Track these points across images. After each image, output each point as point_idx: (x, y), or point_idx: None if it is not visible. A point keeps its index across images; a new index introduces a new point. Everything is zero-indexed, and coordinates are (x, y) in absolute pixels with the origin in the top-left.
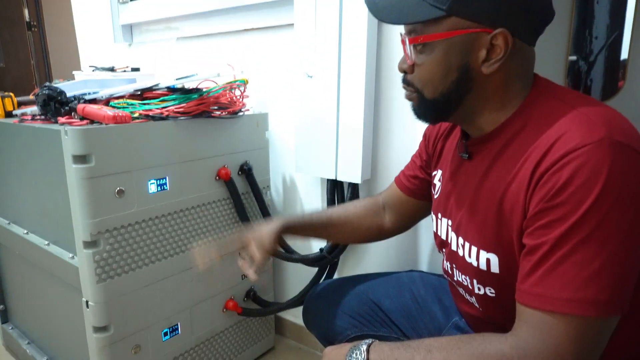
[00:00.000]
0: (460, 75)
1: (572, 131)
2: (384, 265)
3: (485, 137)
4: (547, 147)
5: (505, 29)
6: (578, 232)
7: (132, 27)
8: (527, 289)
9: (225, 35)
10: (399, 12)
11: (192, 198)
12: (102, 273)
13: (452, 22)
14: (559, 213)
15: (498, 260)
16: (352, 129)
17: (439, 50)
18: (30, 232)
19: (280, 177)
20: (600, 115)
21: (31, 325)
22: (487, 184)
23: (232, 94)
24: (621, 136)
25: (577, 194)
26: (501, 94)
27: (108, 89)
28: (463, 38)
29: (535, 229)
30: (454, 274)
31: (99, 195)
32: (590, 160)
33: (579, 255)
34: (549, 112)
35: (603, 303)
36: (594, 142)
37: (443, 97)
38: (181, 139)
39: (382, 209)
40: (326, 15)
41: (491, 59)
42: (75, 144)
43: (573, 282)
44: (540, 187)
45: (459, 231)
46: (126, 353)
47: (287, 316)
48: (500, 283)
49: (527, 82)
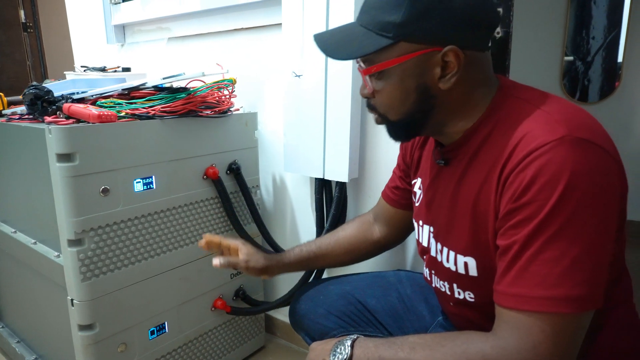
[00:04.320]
0: (419, 96)
1: (534, 130)
2: (372, 265)
3: (458, 143)
4: (511, 148)
5: (454, 45)
6: (546, 230)
7: (124, 28)
8: (502, 289)
9: (215, 36)
10: (348, 47)
11: (179, 197)
12: (87, 271)
13: (402, 48)
14: (526, 212)
15: (476, 263)
16: (339, 128)
17: (395, 75)
18: (18, 231)
19: (270, 176)
20: (562, 113)
21: (20, 324)
22: (462, 188)
23: (220, 93)
24: (582, 132)
25: (542, 192)
26: (465, 103)
27: (96, 89)
28: (415, 61)
29: (506, 230)
30: (432, 280)
31: (83, 194)
32: (552, 158)
33: (549, 253)
34: (513, 113)
35: (576, 299)
36: (555, 139)
37: (407, 117)
38: (168, 138)
39: (373, 224)
40: (313, 16)
41: (447, 75)
42: (59, 142)
43: (545, 281)
44: (507, 188)
45: (438, 237)
46: (112, 351)
47: (278, 315)
48: (479, 286)
49: (490, 86)
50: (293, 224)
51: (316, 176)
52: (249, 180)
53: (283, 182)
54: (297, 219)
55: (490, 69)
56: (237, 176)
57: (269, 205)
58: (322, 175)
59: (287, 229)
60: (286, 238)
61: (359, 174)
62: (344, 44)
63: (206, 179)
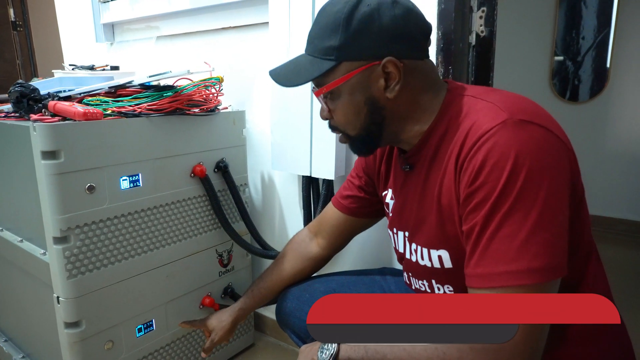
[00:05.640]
0: (370, 108)
1: (480, 119)
2: (359, 263)
3: (418, 146)
4: (463, 138)
5: (390, 56)
6: (501, 208)
7: (113, 27)
8: (470, 272)
9: (203, 34)
10: (297, 75)
11: (166, 195)
12: (72, 269)
13: (345, 67)
14: (481, 195)
15: (449, 255)
16: (326, 127)
17: (344, 93)
18: (4, 229)
19: (258, 174)
20: (504, 101)
21: (7, 322)
22: (427, 186)
23: (207, 91)
24: (523, 115)
25: (492, 173)
26: (413, 109)
27: (82, 87)
28: (359, 77)
29: (467, 215)
30: (411, 283)
31: (68, 191)
32: (498, 140)
33: (505, 229)
34: (463, 109)
35: (537, 270)
36: (499, 123)
37: (364, 130)
38: (155, 136)
39: (311, 240)
40: (300, 14)
41: (390, 85)
42: (43, 140)
43: (506, 256)
44: (462, 175)
45: (412, 238)
46: (99, 349)
47: (267, 313)
48: (456, 278)
49: (438, 90)
50: (281, 222)
51: (303, 174)
52: (237, 179)
53: (271, 180)
54: (285, 217)
55: (434, 74)
56: (225, 174)
57: (257, 203)
58: (309, 173)
59: (276, 226)
60: (274, 236)
61: (345, 172)
62: (295, 73)
63: (194, 177)
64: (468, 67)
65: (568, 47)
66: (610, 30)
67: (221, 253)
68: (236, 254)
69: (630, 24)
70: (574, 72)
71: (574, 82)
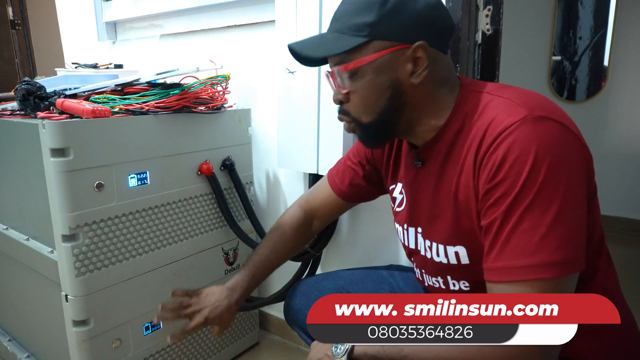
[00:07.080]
0: (393, 92)
1: (499, 116)
2: (366, 260)
3: (432, 141)
4: (482, 134)
5: (422, 41)
6: (521, 203)
7: (115, 25)
8: (489, 266)
9: (208, 33)
10: (324, 47)
11: (173, 193)
12: (81, 267)
13: (375, 46)
14: (502, 189)
15: (466, 251)
16: (333, 124)
17: (369, 73)
18: (10, 228)
19: (263, 172)
20: (520, 98)
21: (12, 322)
22: (442, 183)
23: (213, 89)
24: (540, 111)
25: (514, 168)
26: (433, 100)
27: (89, 85)
28: (388, 57)
29: (486, 209)
30: (424, 280)
31: (77, 189)
32: (518, 136)
33: (525, 223)
34: (479, 106)
35: (557, 263)
36: (518, 120)
37: (380, 116)
38: (162, 134)
39: (311, 220)
40: (306, 12)
41: (418, 70)
42: (53, 137)
43: (526, 250)
44: (482, 170)
45: (425, 235)
46: (106, 347)
47: (272, 311)
48: (472, 273)
49: (453, 85)
50: None
51: (310, 172)
52: (243, 177)
53: (277, 178)
54: None
55: (452, 70)
56: (231, 172)
57: (262, 201)
58: (316, 171)
59: None
60: None
61: None
62: (319, 46)
63: (200, 175)
64: (474, 65)
65: (565, 47)
66: (607, 30)
67: (227, 251)
68: (242, 252)
69: (628, 24)
70: (571, 71)
71: (571, 82)
